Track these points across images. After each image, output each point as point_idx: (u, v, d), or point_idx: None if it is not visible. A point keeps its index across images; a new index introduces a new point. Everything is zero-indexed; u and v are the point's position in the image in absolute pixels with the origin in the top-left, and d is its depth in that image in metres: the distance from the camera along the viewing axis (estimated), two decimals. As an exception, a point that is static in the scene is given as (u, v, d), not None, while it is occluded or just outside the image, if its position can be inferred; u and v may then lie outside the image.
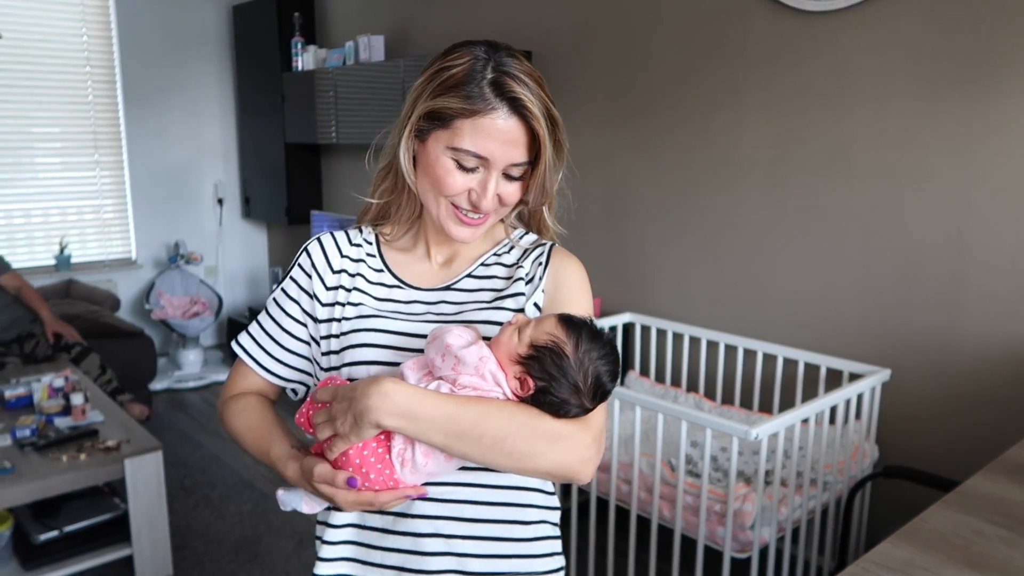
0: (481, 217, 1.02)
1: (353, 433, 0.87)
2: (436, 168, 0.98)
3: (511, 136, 0.96)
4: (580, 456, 0.91)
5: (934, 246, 2.33)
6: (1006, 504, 1.39)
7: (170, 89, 5.00)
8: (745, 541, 2.06)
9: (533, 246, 1.10)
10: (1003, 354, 2.21)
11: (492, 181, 0.98)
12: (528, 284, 1.05)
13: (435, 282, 1.08)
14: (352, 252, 1.10)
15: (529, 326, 0.92)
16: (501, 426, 0.88)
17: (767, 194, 2.71)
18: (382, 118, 4.05)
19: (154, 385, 4.45)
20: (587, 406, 0.91)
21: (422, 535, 0.97)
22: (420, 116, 0.98)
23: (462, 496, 0.98)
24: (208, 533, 2.96)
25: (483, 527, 0.99)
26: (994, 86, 2.16)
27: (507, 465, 0.90)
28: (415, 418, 0.85)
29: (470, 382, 0.89)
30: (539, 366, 0.89)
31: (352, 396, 0.87)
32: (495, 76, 0.94)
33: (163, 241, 5.08)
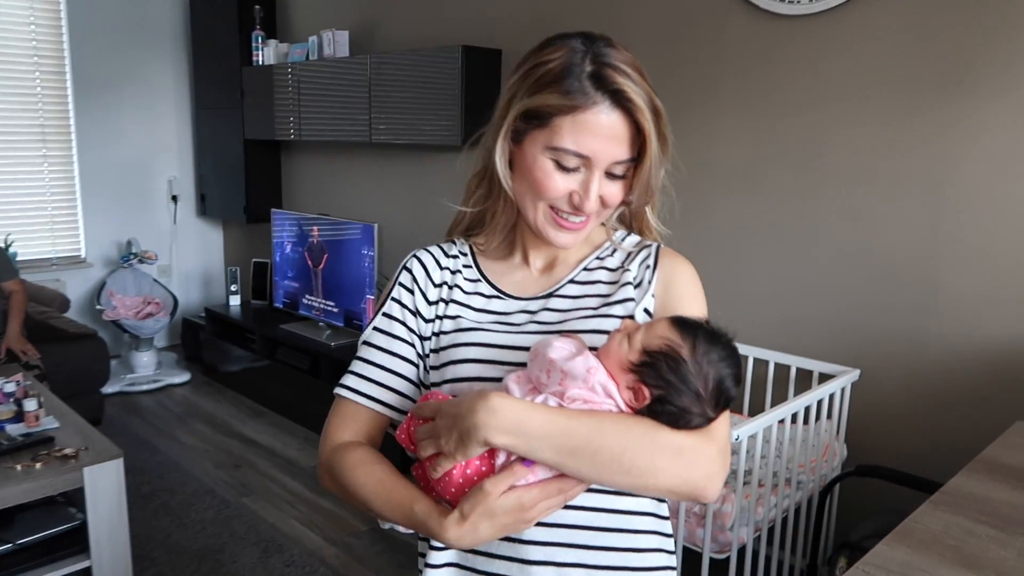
0: (583, 221, 0.95)
1: (459, 451, 0.82)
2: (534, 171, 0.92)
3: (614, 132, 0.89)
4: (706, 471, 0.84)
5: (905, 248, 2.37)
6: (992, 503, 1.42)
7: (123, 82, 4.83)
8: (724, 542, 2.07)
9: (638, 248, 1.04)
10: (971, 355, 2.27)
11: (595, 181, 0.91)
12: (637, 288, 0.98)
13: (536, 290, 1.02)
14: (450, 264, 1.05)
15: (640, 331, 0.85)
16: (618, 440, 0.81)
17: (739, 195, 2.74)
18: (346, 115, 3.98)
19: (106, 388, 4.29)
20: (709, 415, 0.84)
21: (531, 562, 0.91)
22: (516, 116, 0.92)
23: (574, 520, 0.91)
24: (169, 542, 2.86)
25: (597, 555, 0.91)
26: (966, 91, 2.21)
27: (625, 483, 0.83)
28: (525, 434, 0.80)
29: (579, 395, 0.83)
30: (654, 373, 0.83)
31: (457, 412, 0.82)
32: (595, 68, 0.88)
33: (114, 239, 4.91)
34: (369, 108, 3.83)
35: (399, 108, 3.70)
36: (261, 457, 3.65)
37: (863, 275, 2.47)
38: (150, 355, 4.65)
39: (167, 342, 5.23)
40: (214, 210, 5.12)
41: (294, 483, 3.37)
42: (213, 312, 4.76)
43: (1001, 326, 2.21)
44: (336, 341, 3.96)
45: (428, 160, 3.90)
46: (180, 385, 4.63)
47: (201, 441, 3.84)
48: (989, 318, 2.23)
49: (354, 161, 4.35)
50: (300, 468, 3.53)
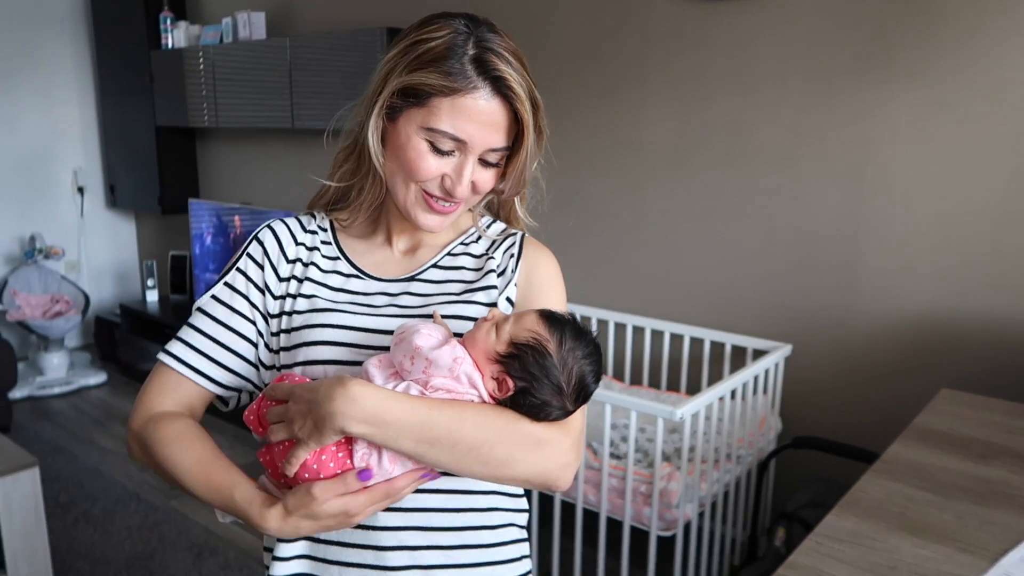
0: (452, 205, 0.94)
1: (313, 439, 0.79)
2: (407, 150, 0.90)
3: (492, 119, 0.88)
4: (559, 462, 0.86)
5: (829, 226, 2.45)
6: (927, 469, 1.47)
7: (16, 67, 4.52)
8: (671, 519, 2.10)
9: (503, 236, 1.04)
10: (896, 327, 2.36)
11: (468, 166, 0.90)
12: (500, 277, 0.98)
13: (397, 272, 1.00)
14: (307, 239, 1.01)
15: (508, 322, 0.85)
16: (478, 432, 0.81)
17: (669, 176, 2.77)
18: (264, 100, 3.83)
19: (13, 393, 4.04)
20: (569, 408, 0.86)
21: (385, 548, 0.89)
22: (393, 92, 0.89)
23: (426, 504, 0.91)
24: (93, 553, 2.71)
25: (449, 535, 0.92)
26: (884, 74, 2.28)
27: (483, 473, 0.83)
28: (384, 424, 0.78)
29: (443, 384, 0.82)
30: (520, 365, 0.83)
31: (313, 398, 0.79)
32: (477, 52, 0.87)
33: (15, 234, 4.61)
34: (290, 93, 3.70)
35: (321, 92, 3.58)
36: (188, 458, 3.50)
37: (791, 253, 2.53)
38: (61, 356, 4.40)
39: (79, 342, 4.96)
40: (125, 201, 4.87)
41: (225, 483, 3.25)
42: (129, 308, 4.54)
43: (922, 299, 2.30)
44: (263, 335, 3.83)
45: (354, 146, 3.79)
46: (95, 387, 4.40)
47: (121, 444, 3.65)
48: (911, 292, 2.32)
49: (276, 148, 4.20)
50: (230, 467, 3.40)
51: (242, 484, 0.85)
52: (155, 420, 0.91)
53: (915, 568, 1.15)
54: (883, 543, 1.22)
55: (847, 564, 1.16)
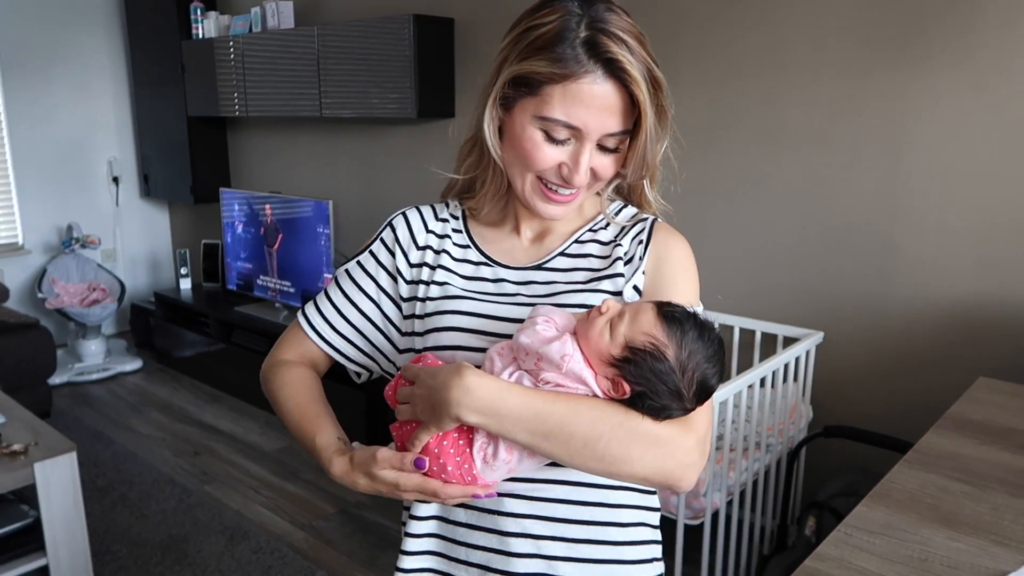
0: (572, 194, 0.92)
1: (433, 423, 0.81)
2: (523, 140, 0.88)
3: (606, 103, 0.85)
4: (682, 461, 0.82)
5: (864, 210, 2.40)
6: (962, 459, 1.44)
7: (53, 59, 4.59)
8: (698, 508, 2.08)
9: (632, 222, 1.00)
10: (931, 314, 2.31)
11: (585, 154, 0.87)
12: (627, 264, 0.95)
13: (525, 260, 0.99)
14: (438, 227, 1.02)
15: (623, 321, 0.81)
16: (594, 427, 0.79)
17: (697, 158, 2.73)
18: (294, 89, 3.85)
19: (53, 380, 4.13)
20: (688, 408, 0.82)
21: (509, 534, 0.90)
22: (505, 82, 0.87)
23: (552, 494, 0.90)
24: (130, 535, 2.77)
25: (575, 528, 0.91)
26: (923, 53, 2.22)
27: (599, 469, 0.82)
28: (498, 415, 0.79)
29: (552, 379, 0.81)
30: (636, 370, 0.79)
31: (433, 384, 0.81)
32: (589, 34, 0.83)
33: (54, 224, 4.71)
34: (318, 81, 3.71)
35: (349, 81, 3.58)
36: (221, 443, 3.56)
37: (823, 238, 2.48)
38: (98, 343, 4.49)
39: (115, 329, 5.06)
40: (159, 191, 4.94)
41: (257, 468, 3.30)
42: (163, 296, 4.61)
43: (959, 285, 2.25)
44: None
45: (381, 134, 3.81)
46: (132, 373, 4.49)
47: (157, 429, 3.73)
48: (947, 278, 2.27)
49: (305, 137, 4.22)
50: (263, 453, 3.46)
51: (325, 431, 0.92)
52: (279, 365, 1.02)
53: (948, 561, 1.12)
54: (915, 535, 1.19)
55: (877, 556, 1.14)
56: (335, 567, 2.59)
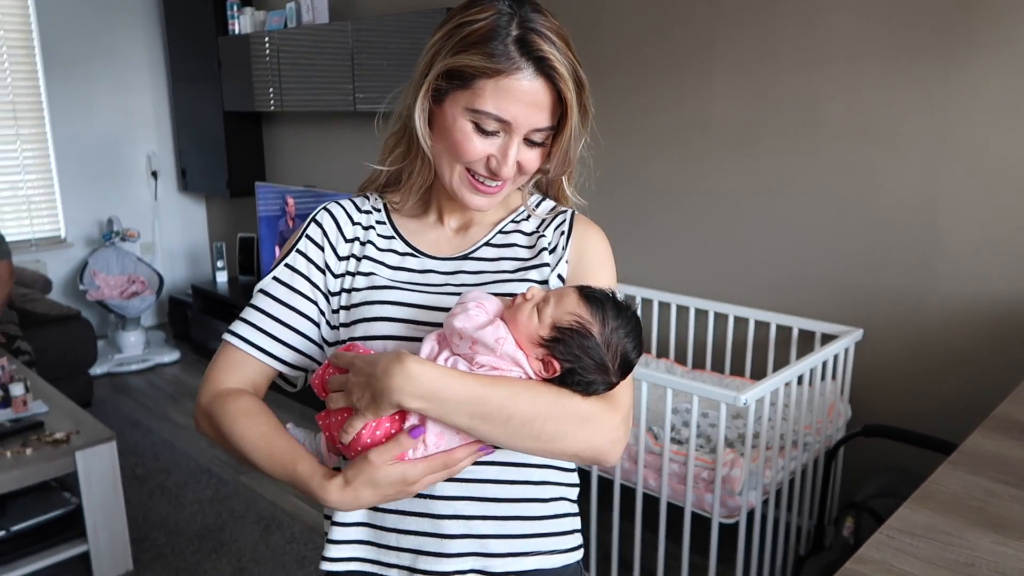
0: (498, 185, 0.95)
1: (371, 411, 0.82)
2: (453, 132, 0.91)
3: (536, 99, 0.89)
4: (610, 437, 0.88)
5: (905, 205, 2.34)
6: (1010, 462, 1.40)
7: (94, 55, 4.68)
8: (733, 506, 2.06)
9: (552, 214, 1.05)
10: (975, 312, 2.25)
11: (513, 147, 0.91)
12: (551, 254, 1.00)
13: (451, 250, 1.02)
14: (362, 219, 1.03)
15: (549, 304, 0.86)
16: (529, 408, 0.83)
17: (737, 155, 2.69)
18: (328, 84, 3.87)
19: (94, 370, 4.22)
20: (613, 381, 0.88)
21: (442, 517, 0.93)
22: (438, 75, 0.90)
23: (482, 475, 0.93)
24: (167, 523, 2.82)
25: (503, 507, 0.95)
26: (966, 45, 2.16)
27: (534, 448, 0.86)
28: (440, 400, 0.81)
29: (488, 362, 0.85)
30: (565, 348, 0.85)
31: (372, 372, 0.82)
32: (521, 33, 0.87)
33: (94, 217, 4.80)
34: (352, 76, 3.73)
35: (383, 75, 3.59)
36: (256, 434, 3.61)
37: (863, 233, 2.43)
38: (137, 334, 4.58)
39: (154, 321, 5.15)
40: (196, 185, 5.01)
41: (291, 460, 3.33)
42: (200, 289, 4.68)
43: (1005, 283, 2.19)
44: (327, 315, 3.90)
45: (415, 128, 3.81)
46: (170, 364, 4.57)
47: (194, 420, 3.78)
48: (992, 275, 2.20)
49: (338, 131, 4.25)
50: (296, 444, 3.49)
51: (304, 458, 0.89)
52: (221, 396, 0.95)
53: (995, 566, 1.09)
54: (960, 539, 1.16)
55: (921, 560, 1.11)
56: (367, 559, 2.61)
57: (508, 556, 0.95)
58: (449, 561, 0.93)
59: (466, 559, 0.93)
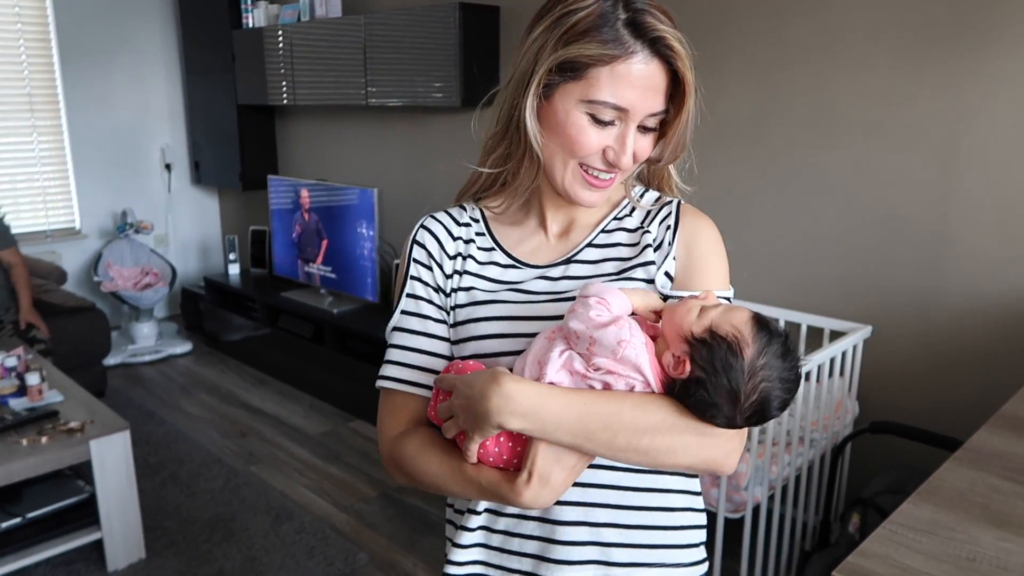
0: (612, 178, 0.91)
1: (477, 433, 0.82)
2: (567, 126, 0.87)
3: (652, 82, 0.85)
4: (726, 448, 0.83)
5: (917, 202, 2.33)
6: (1015, 459, 1.40)
7: (110, 48, 4.72)
8: (739, 501, 2.07)
9: (658, 206, 0.99)
10: (985, 310, 2.24)
11: (631, 135, 0.87)
12: (657, 251, 0.94)
13: (552, 257, 0.98)
14: (462, 233, 0.99)
15: (717, 309, 0.81)
16: (636, 423, 0.80)
17: (749, 152, 2.68)
18: (341, 78, 3.89)
19: (108, 361, 4.27)
20: (737, 422, 0.81)
21: (565, 523, 0.90)
22: (549, 69, 0.86)
23: (605, 480, 0.90)
24: (180, 512, 2.86)
25: (628, 514, 0.91)
26: (981, 43, 2.15)
27: (643, 462, 0.83)
28: (540, 420, 0.79)
29: (605, 364, 0.81)
30: (707, 354, 0.78)
31: (471, 395, 0.81)
32: (630, 15, 0.84)
33: (109, 209, 4.85)
34: (365, 70, 3.74)
35: (395, 69, 3.61)
36: (267, 425, 3.64)
37: (874, 230, 2.43)
38: (150, 326, 4.62)
39: (167, 312, 5.19)
40: (209, 178, 5.05)
41: (301, 451, 3.37)
42: (212, 281, 4.72)
43: (1015, 280, 2.18)
44: (338, 308, 3.93)
45: (426, 122, 3.83)
46: (182, 355, 4.61)
47: (206, 411, 3.83)
48: (1003, 272, 2.20)
49: (351, 125, 4.27)
50: (307, 435, 3.52)
51: (484, 470, 0.85)
52: (397, 441, 0.93)
53: (998, 562, 1.10)
54: (963, 534, 1.17)
55: (923, 554, 1.12)
56: (375, 549, 2.63)
57: (631, 566, 0.91)
58: (571, 568, 0.90)
59: (588, 567, 0.90)
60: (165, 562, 2.55)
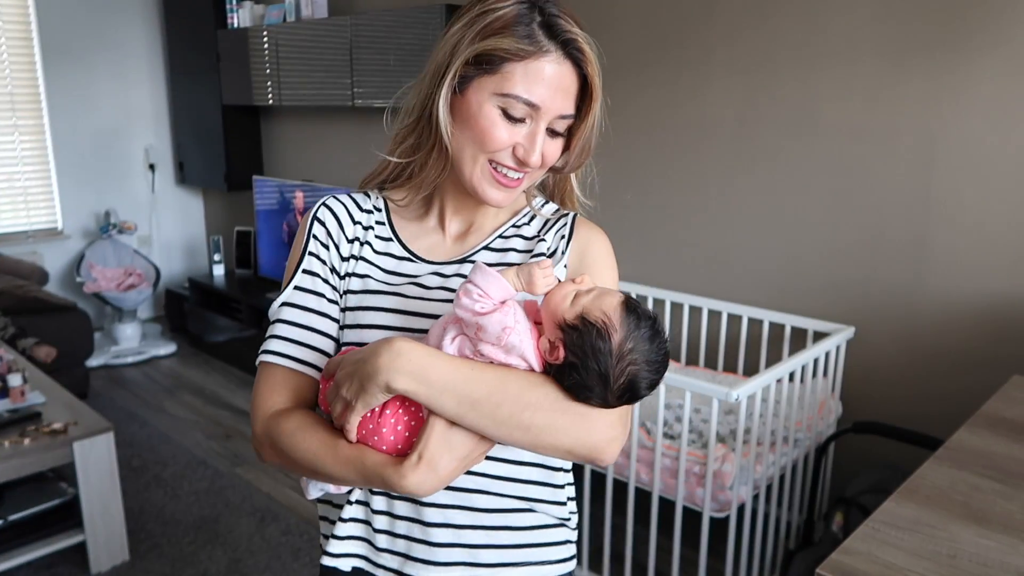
0: (519, 178, 0.92)
1: (361, 399, 0.80)
2: (479, 119, 0.88)
3: (563, 83, 0.88)
4: (605, 435, 0.84)
5: (899, 204, 2.36)
6: (994, 457, 1.43)
7: (93, 47, 4.68)
8: (724, 501, 2.08)
9: (556, 217, 1.01)
10: (966, 310, 2.27)
11: (540, 133, 0.89)
12: (550, 259, 0.97)
13: (448, 255, 0.99)
14: (363, 218, 1.00)
15: (590, 295, 0.82)
16: (520, 396, 0.81)
17: (733, 155, 2.71)
18: (327, 79, 3.88)
19: (90, 362, 4.24)
20: (610, 401, 0.82)
21: (432, 524, 0.92)
22: (465, 61, 0.88)
23: (471, 485, 0.92)
24: (163, 514, 2.84)
25: (492, 516, 0.93)
26: (960, 46, 2.18)
27: (524, 440, 0.82)
28: (428, 381, 0.79)
29: (489, 352, 0.82)
30: (577, 339, 0.80)
31: (359, 358, 0.81)
32: (545, 19, 0.88)
33: (91, 210, 4.81)
34: (351, 71, 3.74)
35: (381, 70, 3.61)
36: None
37: (856, 232, 2.46)
38: (134, 327, 4.59)
39: (151, 314, 5.16)
40: (193, 178, 5.02)
41: (287, 452, 3.35)
42: (197, 282, 4.69)
43: (994, 282, 2.21)
44: (324, 309, 3.91)
45: (413, 123, 3.82)
46: (166, 357, 4.58)
47: (191, 412, 3.80)
48: (983, 273, 2.23)
49: (336, 126, 4.26)
50: (292, 437, 3.51)
51: (369, 452, 0.84)
52: (274, 418, 0.91)
53: (977, 558, 1.12)
54: (944, 531, 1.19)
55: (904, 551, 1.13)
56: (362, 551, 2.63)
57: (498, 566, 0.94)
58: (438, 569, 0.92)
59: (455, 568, 0.92)
60: (149, 565, 2.54)
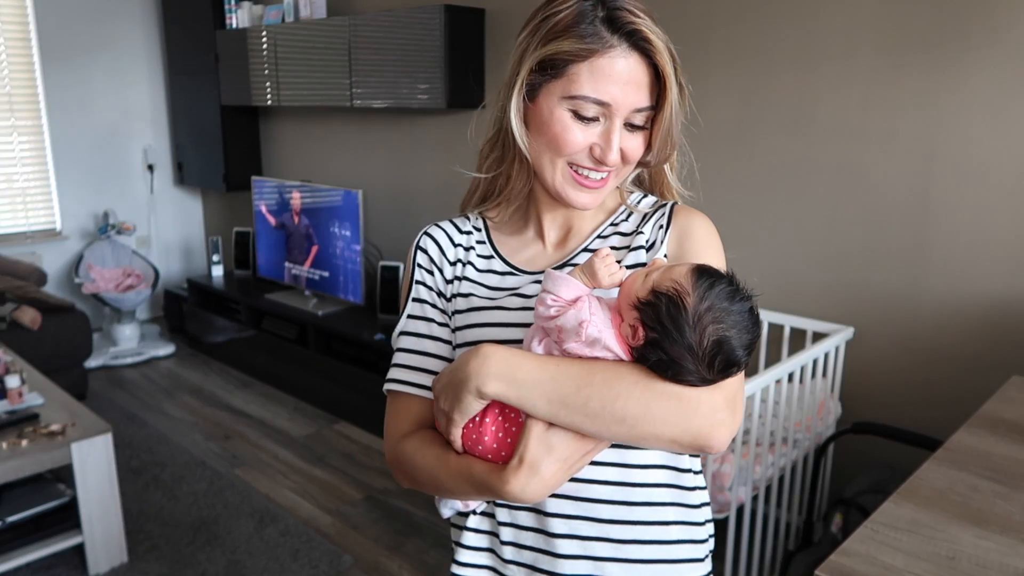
0: (603, 178, 0.91)
1: (456, 408, 0.81)
2: (551, 124, 0.87)
3: (632, 76, 0.85)
4: (709, 419, 0.78)
5: (898, 204, 2.36)
6: (993, 458, 1.42)
7: (92, 48, 4.67)
8: (723, 502, 2.08)
9: (653, 209, 0.98)
10: (965, 311, 2.27)
11: (616, 131, 0.87)
12: (650, 251, 0.94)
13: (550, 263, 0.98)
14: (463, 240, 1.01)
15: (660, 270, 0.80)
16: (609, 386, 0.78)
17: (730, 153, 2.70)
18: (325, 79, 3.88)
19: (89, 363, 4.23)
20: (706, 375, 0.78)
21: (556, 535, 0.90)
22: (530, 69, 0.87)
23: (595, 495, 0.89)
24: (162, 516, 2.84)
25: (620, 529, 0.90)
26: (959, 45, 2.18)
27: (623, 433, 0.79)
28: (516, 381, 0.79)
29: (574, 350, 0.81)
30: (653, 315, 0.77)
31: (452, 368, 0.83)
32: (607, 12, 0.85)
33: (90, 210, 4.80)
34: (349, 71, 3.73)
35: (380, 71, 3.60)
36: (251, 428, 3.62)
37: (855, 233, 2.45)
38: (133, 328, 4.58)
39: (149, 314, 5.15)
40: (192, 179, 5.01)
41: (286, 453, 3.35)
42: (196, 283, 4.69)
43: (995, 282, 2.21)
44: (323, 310, 3.92)
45: (411, 124, 3.82)
46: (165, 358, 4.57)
47: (189, 413, 3.80)
48: (983, 274, 2.23)
49: (335, 126, 4.26)
50: (291, 438, 3.51)
51: (476, 462, 0.84)
52: (400, 443, 0.93)
53: (976, 559, 1.11)
54: (943, 532, 1.18)
55: (904, 552, 1.13)
56: (361, 552, 2.63)
57: None
58: None
59: None
60: (147, 566, 2.53)
